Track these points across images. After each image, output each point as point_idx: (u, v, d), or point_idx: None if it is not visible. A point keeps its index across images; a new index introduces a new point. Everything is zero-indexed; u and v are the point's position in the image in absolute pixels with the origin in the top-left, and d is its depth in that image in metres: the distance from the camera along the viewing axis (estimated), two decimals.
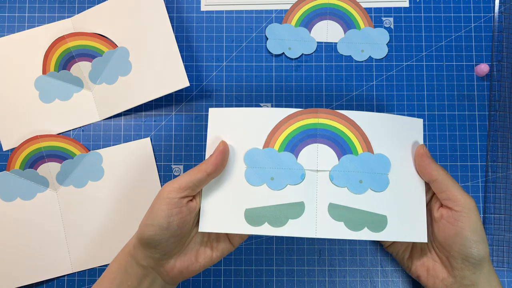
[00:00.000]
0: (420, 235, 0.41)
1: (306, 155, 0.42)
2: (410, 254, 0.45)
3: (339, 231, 0.41)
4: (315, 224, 0.41)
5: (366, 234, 0.41)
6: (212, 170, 0.40)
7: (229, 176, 0.42)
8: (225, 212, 0.42)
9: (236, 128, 0.43)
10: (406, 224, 0.41)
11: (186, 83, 0.48)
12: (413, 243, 0.45)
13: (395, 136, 0.43)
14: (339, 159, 0.42)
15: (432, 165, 0.41)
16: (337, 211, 0.41)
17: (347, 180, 0.42)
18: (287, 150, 0.42)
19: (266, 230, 0.41)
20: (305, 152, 0.42)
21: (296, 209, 0.42)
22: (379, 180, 0.42)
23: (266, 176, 0.42)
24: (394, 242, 0.46)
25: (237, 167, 0.42)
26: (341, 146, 0.42)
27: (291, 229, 0.41)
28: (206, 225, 0.41)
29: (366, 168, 0.42)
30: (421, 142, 0.43)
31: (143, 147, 0.51)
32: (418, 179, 0.43)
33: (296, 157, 0.43)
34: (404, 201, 0.42)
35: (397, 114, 0.51)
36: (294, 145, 0.42)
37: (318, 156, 0.42)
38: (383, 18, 0.52)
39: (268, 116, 0.43)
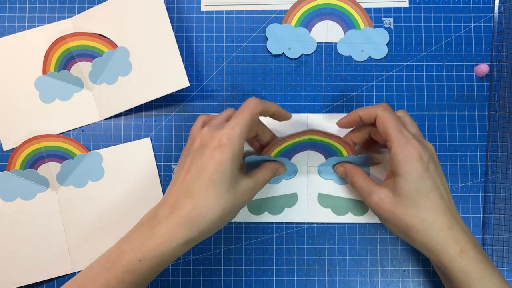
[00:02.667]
0: None
1: (299, 157, 0.49)
2: None
3: (327, 216, 0.49)
4: (307, 211, 0.49)
5: (349, 218, 0.49)
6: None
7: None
8: None
9: None
10: None
11: (186, 83, 0.49)
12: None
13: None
14: (326, 159, 0.49)
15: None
16: (325, 200, 0.50)
17: (332, 174, 0.49)
18: (282, 156, 0.47)
19: (266, 217, 0.49)
20: (298, 156, 0.49)
21: (290, 199, 0.50)
22: None
23: None
24: None
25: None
26: (329, 152, 0.47)
27: (287, 216, 0.49)
28: None
29: None
30: None
31: (143, 147, 0.51)
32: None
33: (290, 159, 0.49)
34: None
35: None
36: (288, 152, 0.47)
37: (308, 158, 0.49)
38: (383, 18, 0.52)
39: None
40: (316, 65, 0.52)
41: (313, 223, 0.50)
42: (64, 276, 0.49)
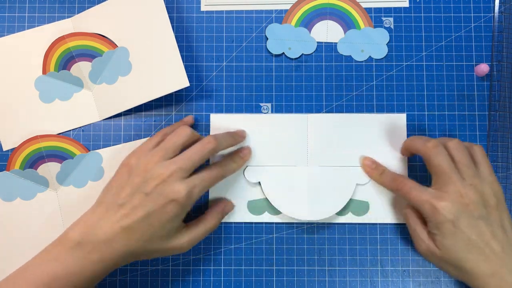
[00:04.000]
0: (400, 217, 0.49)
1: (298, 156, 0.49)
2: None
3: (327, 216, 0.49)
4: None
5: (350, 218, 0.49)
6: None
7: (230, 175, 0.48)
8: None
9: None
10: (387, 207, 0.49)
11: (186, 83, 0.48)
12: None
13: (377, 133, 0.50)
14: None
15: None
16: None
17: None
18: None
19: (266, 218, 0.50)
20: (297, 154, 0.49)
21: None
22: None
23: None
24: None
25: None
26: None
27: (287, 216, 0.49)
28: None
29: None
30: (405, 135, 0.50)
31: None
32: (400, 168, 0.49)
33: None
34: (385, 189, 0.49)
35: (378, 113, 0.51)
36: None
37: (308, 154, 0.49)
38: (383, 18, 0.52)
39: (263, 124, 0.50)
40: (316, 65, 0.52)
41: (313, 222, 0.50)
42: None
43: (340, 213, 0.49)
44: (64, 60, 0.51)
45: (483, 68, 0.50)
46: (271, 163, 0.49)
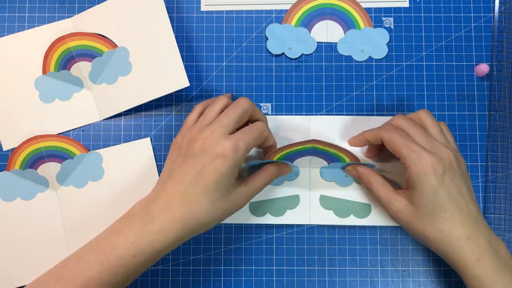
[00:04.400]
0: None
1: (301, 161, 0.49)
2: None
3: (329, 218, 0.49)
4: (309, 213, 0.49)
5: (351, 220, 0.49)
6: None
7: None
8: None
9: None
10: None
11: (186, 83, 0.48)
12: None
13: None
14: (328, 164, 0.49)
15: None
16: (327, 201, 0.49)
17: (334, 175, 0.49)
18: (284, 160, 0.47)
19: (268, 219, 0.49)
20: (300, 160, 0.49)
21: (292, 201, 0.49)
22: None
23: None
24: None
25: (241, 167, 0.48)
26: (332, 159, 0.48)
27: (289, 218, 0.49)
28: None
29: None
30: None
31: (143, 147, 0.51)
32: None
33: (292, 162, 0.49)
34: None
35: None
36: (291, 157, 0.48)
37: (311, 161, 0.49)
38: (383, 18, 0.52)
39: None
40: (316, 65, 0.52)
41: (315, 225, 0.50)
42: None
43: (342, 215, 0.49)
44: (64, 60, 0.51)
45: (483, 68, 0.50)
46: None
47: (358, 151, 0.49)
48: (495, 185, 0.50)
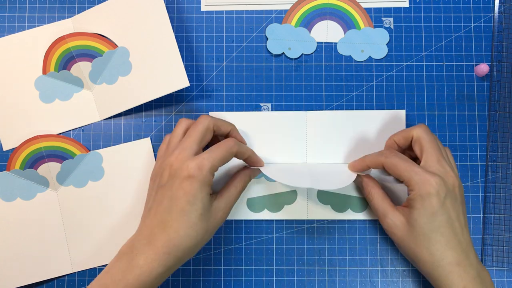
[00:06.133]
0: None
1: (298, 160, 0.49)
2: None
3: (326, 213, 0.49)
4: (307, 208, 0.49)
5: (349, 215, 0.49)
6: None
7: (231, 170, 0.49)
8: None
9: None
10: None
11: (186, 83, 0.48)
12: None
13: (376, 130, 0.50)
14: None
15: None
16: (324, 196, 0.49)
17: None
18: None
19: (265, 215, 0.49)
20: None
21: (290, 196, 0.49)
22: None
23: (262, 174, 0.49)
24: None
25: (238, 162, 0.49)
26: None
27: (287, 213, 0.49)
28: None
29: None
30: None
31: (143, 147, 0.51)
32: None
33: None
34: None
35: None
36: None
37: (307, 151, 0.50)
38: (383, 18, 0.52)
39: (262, 121, 0.50)
40: (316, 65, 0.52)
41: (313, 220, 0.50)
42: (64, 276, 0.49)
43: (340, 210, 0.49)
44: (65, 60, 0.51)
45: (483, 68, 0.50)
46: (270, 160, 0.50)
47: None
48: (495, 185, 0.50)
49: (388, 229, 0.44)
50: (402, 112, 0.50)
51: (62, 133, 0.51)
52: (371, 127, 0.50)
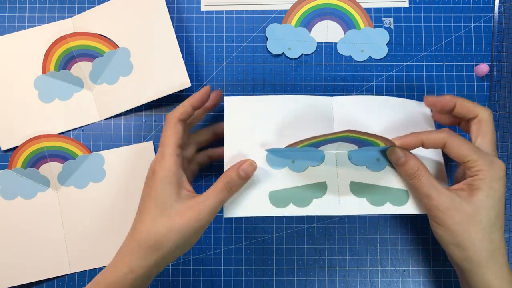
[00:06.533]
0: None
1: (328, 146, 0.43)
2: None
3: (362, 207, 0.42)
4: (339, 202, 0.43)
5: (388, 209, 0.42)
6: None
7: None
8: (250, 196, 0.42)
9: (254, 116, 0.44)
10: None
11: (188, 84, 0.49)
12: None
13: (405, 119, 0.45)
14: (359, 147, 0.43)
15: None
16: (359, 189, 0.43)
17: (365, 159, 0.43)
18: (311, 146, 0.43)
19: (292, 210, 0.42)
20: (326, 146, 0.43)
21: (319, 189, 0.43)
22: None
23: (287, 159, 0.43)
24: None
25: (258, 152, 0.43)
26: (363, 145, 0.42)
27: (316, 208, 0.42)
28: (232, 211, 0.42)
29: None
30: (431, 123, 0.45)
31: (146, 150, 0.51)
32: (436, 152, 0.44)
33: (317, 148, 0.43)
34: None
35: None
36: (317, 145, 0.43)
37: (338, 147, 0.43)
38: (383, 18, 0.52)
39: (285, 106, 0.45)
40: (316, 65, 0.52)
41: (314, 222, 0.49)
42: (64, 276, 0.49)
43: (377, 203, 0.42)
44: (65, 59, 0.51)
45: (483, 68, 0.50)
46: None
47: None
48: None
49: (437, 211, 0.39)
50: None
51: (62, 133, 0.51)
52: (400, 115, 0.45)
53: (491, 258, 0.39)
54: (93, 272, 0.49)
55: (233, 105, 0.44)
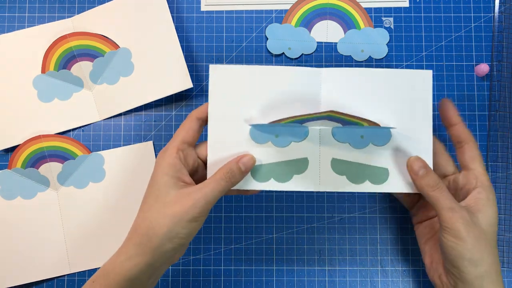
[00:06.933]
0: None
1: (312, 123, 0.43)
2: (426, 240, 0.45)
3: (341, 184, 0.42)
4: (319, 178, 0.43)
5: (367, 187, 0.42)
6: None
7: (234, 135, 0.43)
8: None
9: (240, 87, 0.43)
10: (407, 176, 0.42)
11: (190, 84, 0.49)
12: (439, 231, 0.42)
13: (399, 91, 0.43)
14: (342, 126, 0.43)
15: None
16: (339, 166, 0.43)
17: (348, 136, 0.43)
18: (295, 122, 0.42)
19: (272, 185, 0.42)
20: (311, 122, 0.43)
21: (300, 165, 0.43)
22: (380, 134, 0.43)
23: (271, 134, 0.43)
24: (422, 224, 0.46)
25: (242, 126, 0.43)
26: (348, 124, 0.42)
27: (296, 183, 0.42)
28: None
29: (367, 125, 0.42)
30: (430, 94, 0.43)
31: (145, 150, 0.51)
32: (425, 133, 0.43)
33: (301, 124, 0.43)
34: (406, 154, 0.42)
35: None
36: (301, 122, 0.42)
37: (322, 123, 0.43)
38: (383, 18, 0.52)
39: (272, 78, 0.43)
40: (316, 65, 0.52)
41: (313, 223, 0.49)
42: (64, 276, 0.49)
43: (356, 181, 0.42)
44: (65, 59, 0.51)
45: (483, 68, 0.50)
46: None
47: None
48: (495, 185, 0.50)
49: (460, 224, 0.39)
50: (428, 73, 0.43)
51: (62, 132, 0.51)
52: (393, 87, 0.43)
53: (497, 276, 0.39)
54: (93, 272, 0.49)
55: (218, 74, 0.43)
